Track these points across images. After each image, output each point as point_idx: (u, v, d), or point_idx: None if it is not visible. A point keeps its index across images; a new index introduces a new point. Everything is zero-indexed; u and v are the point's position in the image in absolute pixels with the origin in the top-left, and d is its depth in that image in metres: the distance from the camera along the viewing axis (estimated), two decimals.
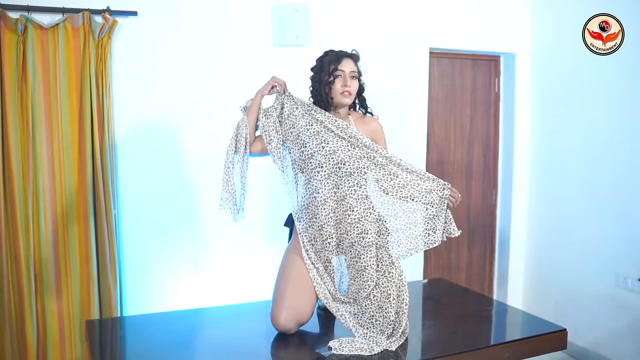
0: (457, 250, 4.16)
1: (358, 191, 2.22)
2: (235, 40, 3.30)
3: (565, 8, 3.78)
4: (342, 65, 2.28)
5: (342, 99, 2.27)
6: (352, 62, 2.30)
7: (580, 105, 3.72)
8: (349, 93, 2.27)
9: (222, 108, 3.29)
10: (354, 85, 2.28)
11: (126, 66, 3.08)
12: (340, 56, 2.29)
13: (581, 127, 3.72)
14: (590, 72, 3.61)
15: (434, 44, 3.80)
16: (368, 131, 2.32)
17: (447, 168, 4.06)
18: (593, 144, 3.63)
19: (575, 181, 3.77)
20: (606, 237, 3.56)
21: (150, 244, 3.21)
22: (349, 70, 2.28)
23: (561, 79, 3.87)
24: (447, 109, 4.02)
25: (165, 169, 3.22)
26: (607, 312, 3.57)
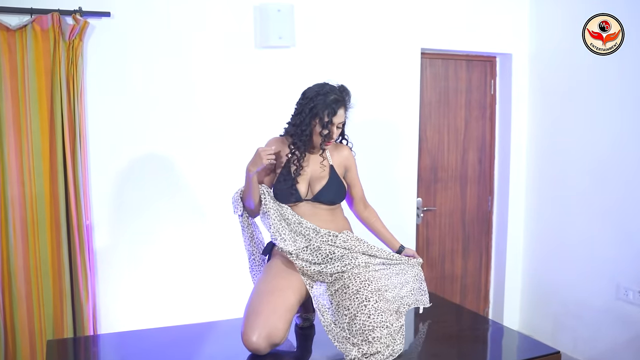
0: (451, 260, 4.01)
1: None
2: (216, 42, 3.16)
3: (565, 6, 3.62)
4: (337, 117, 2.22)
5: (323, 146, 2.26)
6: (343, 111, 2.25)
7: (581, 108, 3.57)
8: (332, 141, 2.26)
9: (201, 113, 3.15)
10: (337, 133, 2.27)
11: (99, 70, 2.95)
12: (337, 107, 2.20)
13: (581, 131, 3.57)
14: (591, 73, 3.46)
15: (426, 44, 3.65)
16: (341, 159, 2.36)
17: (441, 174, 3.91)
18: (594, 149, 3.48)
19: (575, 188, 3.63)
20: (607, 248, 3.41)
21: (125, 256, 3.07)
22: (339, 122, 2.23)
23: (560, 80, 3.71)
24: (440, 113, 3.88)
25: (140, 177, 3.08)
26: (608, 326, 3.42)
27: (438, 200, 3.91)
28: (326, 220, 2.30)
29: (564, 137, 3.70)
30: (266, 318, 2.06)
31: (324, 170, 2.29)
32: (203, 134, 3.17)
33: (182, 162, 3.14)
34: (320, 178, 2.28)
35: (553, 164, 3.80)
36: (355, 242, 2.28)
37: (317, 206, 2.29)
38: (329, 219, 2.31)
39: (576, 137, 3.60)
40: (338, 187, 2.31)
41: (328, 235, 2.24)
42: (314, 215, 2.28)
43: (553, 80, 3.77)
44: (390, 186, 3.59)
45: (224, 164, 3.19)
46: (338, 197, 2.32)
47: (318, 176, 2.28)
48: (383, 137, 3.54)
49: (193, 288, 3.19)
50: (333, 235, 2.24)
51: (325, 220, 2.29)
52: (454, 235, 3.99)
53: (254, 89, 3.21)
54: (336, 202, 2.33)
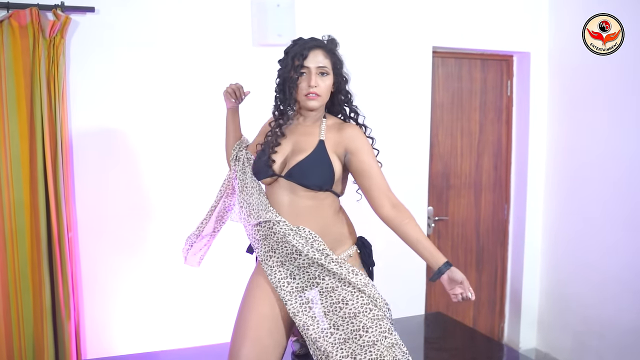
0: (464, 272, 3.71)
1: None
2: (210, 40, 2.93)
3: (587, 1, 3.36)
4: (309, 60, 1.85)
5: (307, 102, 1.87)
6: (321, 54, 1.87)
7: (604, 111, 3.31)
8: (316, 95, 1.85)
9: (194, 117, 2.93)
10: (322, 85, 1.86)
11: (83, 69, 2.73)
12: (307, 48, 1.86)
13: (605, 135, 3.31)
14: (615, 74, 3.19)
15: (438, 42, 3.42)
16: (341, 138, 1.86)
17: (454, 181, 3.68)
18: (618, 155, 3.22)
19: (598, 196, 3.37)
20: (633, 261, 3.14)
21: (112, 271, 2.86)
22: (316, 66, 1.86)
23: (583, 81, 3.46)
24: (453, 115, 3.65)
25: (129, 186, 2.86)
26: (634, 347, 3.15)
27: (450, 209, 3.69)
28: (302, 213, 1.84)
29: (586, 142, 3.45)
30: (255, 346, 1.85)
31: (308, 143, 1.87)
32: (196, 139, 2.95)
33: (174, 168, 2.92)
34: (301, 151, 1.85)
35: (574, 170, 3.55)
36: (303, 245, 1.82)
37: (296, 192, 1.84)
38: (307, 212, 1.84)
39: (599, 142, 3.35)
40: (318, 167, 1.82)
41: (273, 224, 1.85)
42: (288, 204, 1.85)
43: (574, 81, 3.52)
44: (400, 194, 3.29)
45: (219, 171, 2.96)
46: (315, 179, 1.81)
47: (299, 149, 1.87)
48: (392, 141, 3.31)
49: (186, 306, 2.97)
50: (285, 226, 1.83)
51: (300, 213, 1.84)
52: (467, 247, 3.77)
53: (250, 89, 2.97)
54: (311, 185, 1.81)
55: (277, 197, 1.89)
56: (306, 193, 1.84)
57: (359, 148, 1.85)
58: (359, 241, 1.99)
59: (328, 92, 1.89)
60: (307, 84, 1.85)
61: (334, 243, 1.90)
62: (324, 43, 1.91)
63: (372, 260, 2.00)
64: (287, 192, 1.87)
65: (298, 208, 1.86)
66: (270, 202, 1.91)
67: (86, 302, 2.82)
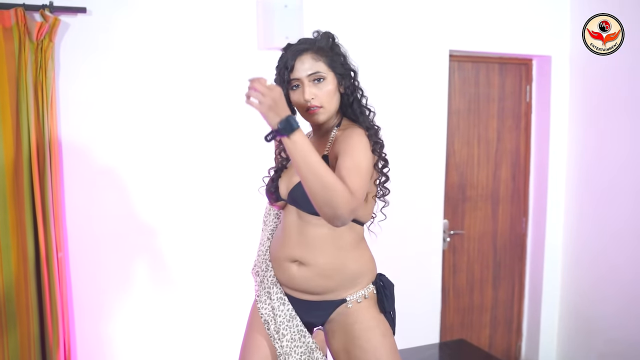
0: (480, 288, 3.58)
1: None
2: (212, 43, 2.72)
3: (610, 2, 3.15)
4: (296, 70, 1.60)
5: (310, 118, 1.64)
6: (309, 59, 1.61)
7: (630, 119, 3.11)
8: (317, 107, 1.61)
9: (194, 126, 2.72)
10: (321, 93, 1.60)
11: (73, 75, 2.52)
12: (291, 58, 1.61)
13: (630, 145, 3.11)
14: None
15: (455, 46, 3.22)
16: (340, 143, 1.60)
17: (470, 192, 3.49)
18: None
19: (623, 209, 3.17)
20: None
21: (105, 295, 2.64)
22: (306, 75, 1.61)
23: (607, 86, 3.26)
24: (470, 123, 3.46)
25: (125, 201, 2.64)
26: None
27: (466, 222, 3.50)
28: (312, 244, 1.62)
29: (610, 150, 3.25)
30: None
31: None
32: (197, 151, 2.73)
33: (175, 181, 2.71)
34: None
35: (597, 181, 3.35)
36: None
37: (304, 218, 1.63)
38: (318, 243, 1.61)
39: (624, 151, 3.15)
40: None
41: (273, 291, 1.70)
42: (298, 233, 1.63)
43: (598, 86, 3.32)
44: (414, 207, 3.16)
45: (224, 185, 2.75)
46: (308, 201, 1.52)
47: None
48: (406, 150, 3.11)
49: (186, 333, 2.76)
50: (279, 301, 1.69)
51: (310, 243, 1.62)
52: (483, 262, 3.58)
53: None
54: (312, 210, 1.53)
55: (287, 223, 1.69)
56: (317, 220, 1.62)
57: (346, 145, 1.55)
58: (377, 280, 1.74)
59: (332, 98, 1.63)
60: (303, 98, 1.61)
61: (346, 282, 1.67)
62: (312, 43, 1.64)
63: (391, 304, 1.72)
64: (296, 218, 1.66)
65: (308, 238, 1.64)
66: (283, 229, 1.71)
67: (77, 329, 2.61)
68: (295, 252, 1.65)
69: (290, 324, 1.69)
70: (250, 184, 2.58)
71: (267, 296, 1.73)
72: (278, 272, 1.72)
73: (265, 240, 1.81)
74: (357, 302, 1.68)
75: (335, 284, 1.66)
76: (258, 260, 1.80)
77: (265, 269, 1.76)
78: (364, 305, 1.68)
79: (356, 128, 1.63)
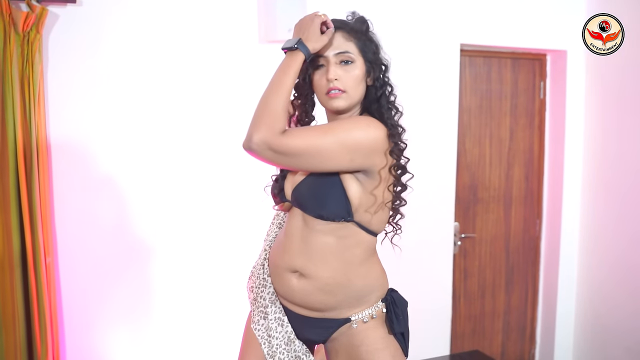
0: (492, 293, 3.46)
1: None
2: (210, 36, 2.58)
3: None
4: (323, 48, 1.45)
5: (329, 102, 1.47)
6: (340, 37, 1.47)
7: None
8: (339, 90, 1.44)
9: (192, 124, 2.58)
10: (346, 76, 1.45)
11: (63, 69, 2.37)
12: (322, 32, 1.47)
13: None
14: None
15: (466, 39, 3.08)
16: None
17: (482, 193, 3.36)
18: None
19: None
20: None
21: (96, 302, 2.50)
22: (334, 53, 1.46)
23: (626, 83, 3.12)
24: (481, 121, 3.32)
25: (118, 204, 2.51)
26: None
27: (478, 225, 3.37)
28: (315, 253, 1.46)
29: (629, 150, 3.11)
30: None
31: None
32: (195, 151, 2.59)
33: (172, 183, 2.57)
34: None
35: (615, 182, 3.21)
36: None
37: (308, 223, 1.48)
38: (322, 253, 1.46)
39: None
40: (321, 188, 1.44)
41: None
42: (301, 239, 1.48)
43: (616, 83, 3.18)
44: (423, 209, 3.02)
45: (223, 186, 2.61)
46: (316, 205, 1.44)
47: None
48: (414, 150, 2.94)
49: (180, 341, 2.61)
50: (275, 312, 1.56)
51: (314, 253, 1.46)
52: (495, 266, 3.45)
53: (256, 94, 2.62)
54: (313, 213, 1.44)
55: (290, 228, 1.53)
56: (322, 226, 1.46)
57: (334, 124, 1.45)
58: (388, 296, 1.55)
59: (357, 85, 1.47)
60: (326, 78, 1.45)
61: (351, 300, 1.50)
62: (346, 23, 1.51)
63: (403, 325, 1.54)
64: (300, 223, 1.50)
65: (312, 246, 1.47)
66: (285, 234, 1.55)
67: (68, 339, 2.47)
68: (296, 262, 1.49)
69: (288, 347, 1.53)
70: (251, 186, 2.44)
71: (261, 316, 1.57)
72: (277, 283, 1.56)
73: (262, 251, 1.65)
74: (364, 322, 1.51)
75: (337, 301, 1.49)
76: (253, 274, 1.64)
77: (260, 285, 1.59)
78: (371, 326, 1.51)
79: (359, 117, 1.48)
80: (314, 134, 1.39)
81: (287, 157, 1.36)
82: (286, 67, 1.40)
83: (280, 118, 1.35)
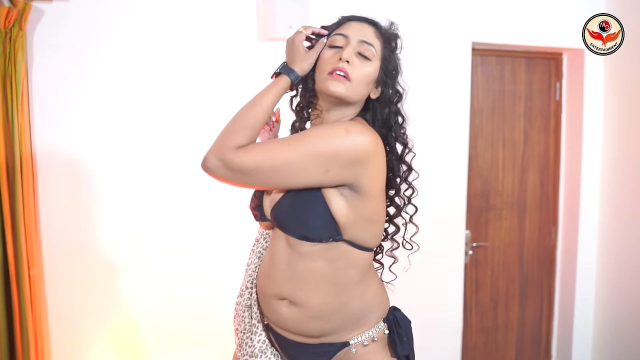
0: (505, 305, 3.33)
1: None
2: (207, 33, 2.44)
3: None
4: (350, 28, 1.35)
5: (327, 84, 1.31)
6: (371, 30, 1.36)
7: None
8: (344, 73, 1.29)
9: (188, 128, 2.44)
10: (359, 67, 1.31)
11: (49, 69, 2.24)
12: (351, 19, 1.38)
13: None
14: None
15: (478, 38, 2.95)
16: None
17: (494, 200, 3.23)
18: None
19: None
20: None
21: (85, 316, 2.36)
22: (359, 40, 1.33)
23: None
24: (494, 123, 3.20)
25: (108, 212, 2.36)
26: None
27: (490, 234, 3.24)
28: (303, 279, 1.32)
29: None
30: None
31: None
32: (191, 157, 2.44)
33: (163, 189, 2.43)
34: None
35: (635, 188, 3.07)
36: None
37: (292, 245, 1.32)
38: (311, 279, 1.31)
39: None
40: (300, 205, 1.29)
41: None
42: (287, 264, 1.33)
43: (636, 83, 3.04)
44: (432, 216, 2.88)
45: (220, 193, 2.46)
46: (297, 225, 1.29)
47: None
48: (423, 154, 2.81)
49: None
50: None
51: (301, 279, 1.32)
52: (509, 276, 3.32)
53: (255, 93, 2.49)
54: (294, 234, 1.30)
55: (275, 250, 1.38)
56: (308, 248, 1.30)
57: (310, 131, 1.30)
58: (390, 316, 1.41)
59: (364, 82, 1.33)
60: (339, 56, 1.31)
61: (349, 323, 1.36)
62: (380, 25, 1.40)
63: (407, 347, 1.39)
64: (284, 245, 1.35)
65: (299, 272, 1.32)
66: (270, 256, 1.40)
67: (54, 356, 2.32)
68: (284, 289, 1.34)
69: None
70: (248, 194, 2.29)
71: None
72: (266, 310, 1.42)
73: (245, 287, 1.49)
74: (364, 346, 1.37)
75: (333, 326, 1.35)
76: (238, 314, 1.48)
77: (247, 330, 1.44)
78: (372, 349, 1.37)
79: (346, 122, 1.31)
80: (276, 146, 1.24)
81: (245, 175, 1.21)
82: (267, 88, 1.32)
83: (242, 133, 1.22)
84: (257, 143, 1.27)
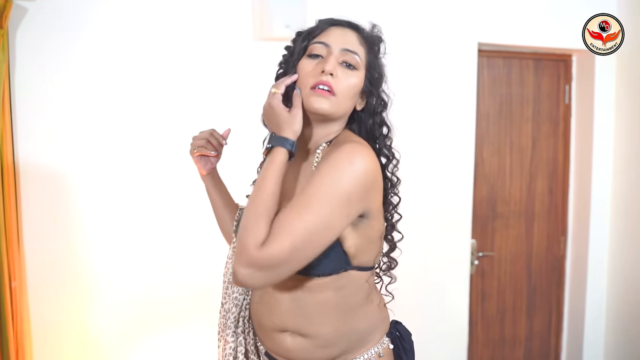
0: (512, 318, 3.23)
1: None
2: (203, 33, 2.35)
3: None
4: (331, 35, 1.24)
5: (310, 100, 1.20)
6: (353, 36, 1.25)
7: None
8: (328, 88, 1.19)
9: (182, 134, 2.32)
10: (344, 79, 1.21)
11: (33, 71, 2.14)
12: (327, 22, 1.26)
13: None
14: None
15: (484, 38, 2.85)
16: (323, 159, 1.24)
17: (501, 208, 3.12)
18: None
19: None
20: None
21: (69, 330, 2.26)
22: (341, 48, 1.22)
23: None
24: (501, 128, 3.10)
25: (94, 224, 2.27)
26: None
27: (497, 243, 3.14)
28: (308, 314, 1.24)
29: None
30: None
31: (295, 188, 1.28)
32: (185, 165, 2.34)
33: (155, 199, 2.33)
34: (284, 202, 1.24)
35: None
36: None
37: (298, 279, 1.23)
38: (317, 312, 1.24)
39: None
40: None
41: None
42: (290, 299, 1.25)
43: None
44: (436, 225, 2.82)
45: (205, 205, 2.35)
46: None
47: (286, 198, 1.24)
48: (427, 159, 2.76)
49: None
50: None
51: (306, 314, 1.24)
52: (516, 288, 3.22)
53: (250, 95, 2.38)
54: (309, 271, 1.21)
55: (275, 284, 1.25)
56: (316, 281, 1.21)
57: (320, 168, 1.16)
58: (392, 330, 1.36)
59: (349, 97, 1.23)
60: (320, 68, 1.20)
61: (355, 344, 1.30)
62: (362, 28, 1.29)
63: (412, 357, 1.37)
64: (288, 279, 1.20)
65: (306, 305, 1.23)
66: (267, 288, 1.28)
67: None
68: (289, 324, 1.26)
69: None
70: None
71: None
72: (265, 341, 1.33)
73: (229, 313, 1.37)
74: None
75: (340, 350, 1.30)
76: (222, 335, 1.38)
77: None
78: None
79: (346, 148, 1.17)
80: (293, 219, 1.10)
81: (284, 264, 1.09)
82: (264, 169, 1.16)
83: (256, 226, 1.09)
84: (273, 230, 1.10)
